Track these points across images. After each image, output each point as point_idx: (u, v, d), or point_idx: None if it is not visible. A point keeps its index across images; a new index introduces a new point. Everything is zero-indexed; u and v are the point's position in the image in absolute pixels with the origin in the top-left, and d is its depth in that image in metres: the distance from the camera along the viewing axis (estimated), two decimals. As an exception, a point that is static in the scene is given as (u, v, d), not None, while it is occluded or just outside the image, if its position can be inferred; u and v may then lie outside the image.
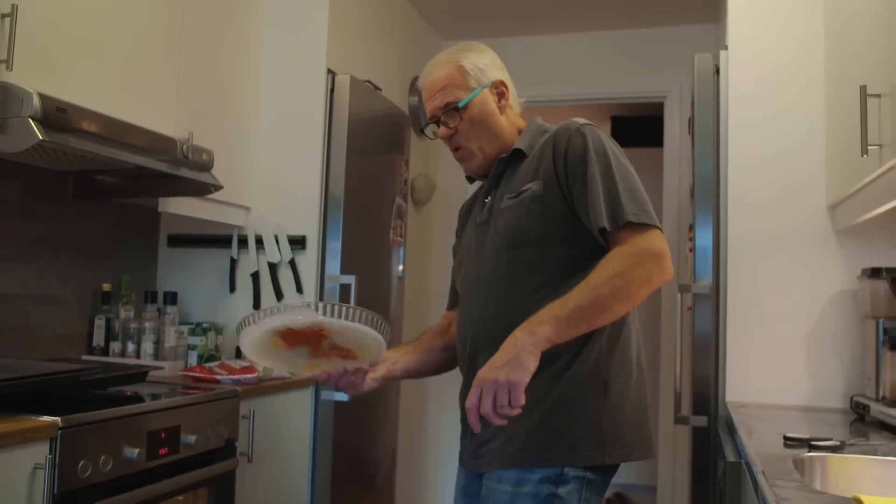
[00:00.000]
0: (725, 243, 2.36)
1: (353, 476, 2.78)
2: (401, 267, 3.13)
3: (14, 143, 1.72)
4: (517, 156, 1.59)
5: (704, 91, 2.41)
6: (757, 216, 2.33)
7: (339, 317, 1.45)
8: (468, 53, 1.63)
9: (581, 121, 1.55)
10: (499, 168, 1.61)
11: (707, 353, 2.33)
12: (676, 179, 3.66)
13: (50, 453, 1.51)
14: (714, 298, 2.35)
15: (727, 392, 2.28)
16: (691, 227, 2.56)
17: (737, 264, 2.33)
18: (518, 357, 1.29)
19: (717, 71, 2.42)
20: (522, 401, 1.28)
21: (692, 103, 2.49)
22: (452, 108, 1.58)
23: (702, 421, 2.29)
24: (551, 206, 1.49)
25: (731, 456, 1.68)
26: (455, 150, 1.64)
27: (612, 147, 1.52)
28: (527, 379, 1.28)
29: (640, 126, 4.86)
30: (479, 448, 1.50)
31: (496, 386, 1.27)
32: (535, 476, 1.43)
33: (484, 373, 1.30)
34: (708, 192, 2.39)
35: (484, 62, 1.62)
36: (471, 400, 1.30)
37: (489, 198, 1.61)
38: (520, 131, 1.65)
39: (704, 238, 2.38)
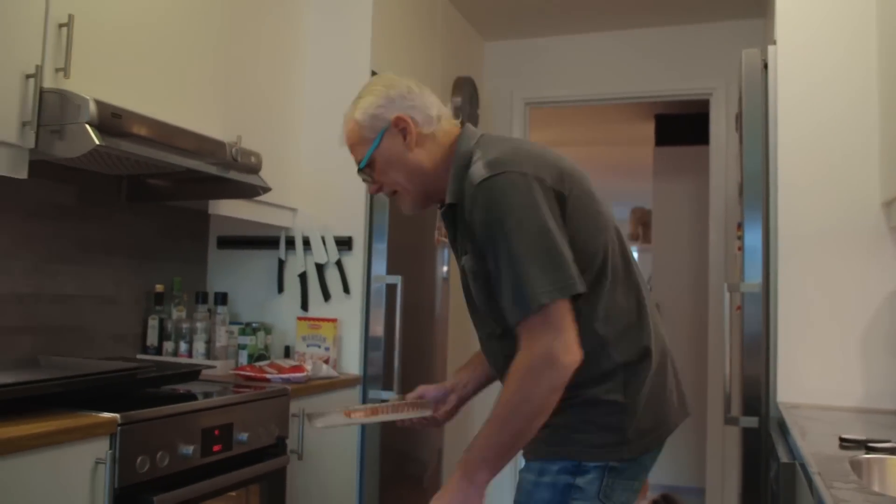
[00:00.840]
0: (775, 241, 2.32)
1: (400, 476, 2.81)
2: (445, 268, 3.14)
3: (72, 149, 1.77)
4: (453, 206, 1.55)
5: (752, 87, 2.38)
6: (808, 213, 2.29)
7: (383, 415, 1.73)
8: (360, 102, 1.59)
9: (481, 174, 1.44)
10: (447, 216, 1.58)
11: (757, 352, 2.30)
12: (723, 177, 3.62)
13: (110, 448, 1.55)
14: (764, 297, 2.31)
15: (778, 393, 2.25)
16: (740, 226, 2.52)
17: (787, 263, 2.29)
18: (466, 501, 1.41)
19: (765, 66, 2.38)
20: None
21: (739, 100, 2.46)
22: (364, 165, 1.59)
23: (752, 422, 2.25)
24: (490, 280, 1.47)
25: (784, 457, 1.66)
26: (389, 195, 1.66)
27: (512, 204, 1.41)
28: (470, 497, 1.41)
29: (685, 124, 4.81)
30: None
31: None
32: (554, 467, 1.47)
33: None
34: (757, 189, 2.35)
35: (377, 104, 1.57)
36: None
37: (455, 239, 1.60)
38: (446, 157, 1.56)
39: (753, 236, 2.35)
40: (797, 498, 1.54)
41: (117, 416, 1.57)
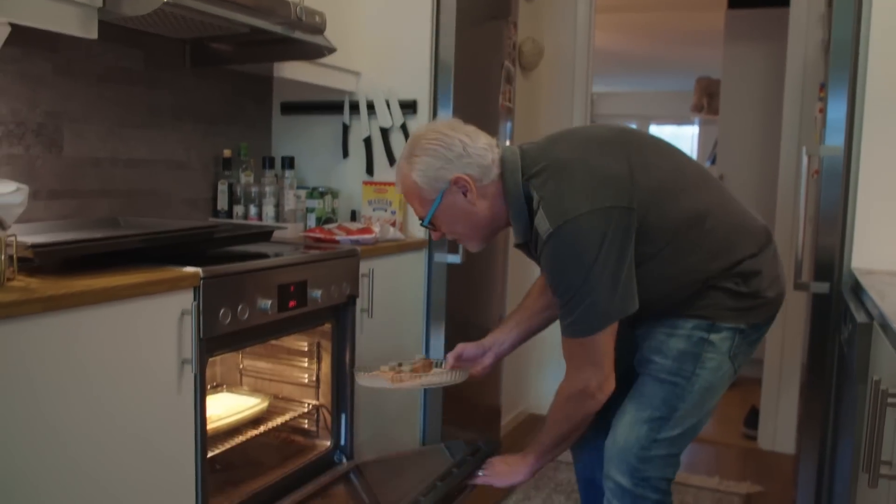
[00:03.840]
0: (861, 105, 2.20)
1: (463, 338, 2.86)
2: (507, 141, 3.10)
3: (139, 7, 1.76)
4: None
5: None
6: (898, 78, 2.15)
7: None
8: (417, 162, 1.62)
9: (546, 228, 1.54)
10: (519, 247, 1.72)
11: (833, 218, 2.24)
12: (803, 39, 3.42)
13: (194, 300, 1.61)
14: (845, 162, 2.23)
15: (853, 259, 2.20)
16: (822, 87, 2.40)
17: (872, 127, 2.18)
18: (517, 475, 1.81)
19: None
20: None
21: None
22: (426, 223, 1.67)
23: (823, 287, 2.23)
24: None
25: (861, 318, 1.64)
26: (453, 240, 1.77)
27: (576, 253, 1.53)
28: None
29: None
30: None
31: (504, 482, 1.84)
32: (688, 324, 1.63)
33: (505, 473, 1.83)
34: (845, 50, 2.21)
35: (436, 167, 1.60)
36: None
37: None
38: (501, 194, 1.65)
39: (837, 99, 2.23)
40: (874, 357, 1.53)
41: (199, 270, 1.62)
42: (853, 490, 1.66)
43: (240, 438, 2.05)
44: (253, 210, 2.54)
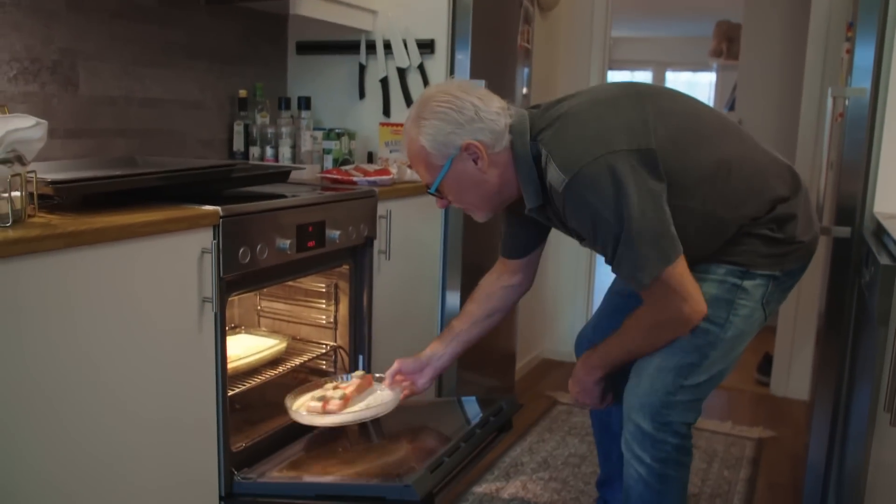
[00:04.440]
0: (891, 46, 2.15)
1: (480, 276, 2.87)
2: (525, 89, 3.05)
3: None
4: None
5: None
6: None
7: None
8: (426, 125, 1.53)
9: (560, 179, 1.47)
10: (534, 213, 1.64)
11: (857, 163, 2.20)
12: (829, -22, 3.33)
13: (214, 239, 1.61)
14: (871, 105, 2.18)
15: (876, 203, 2.17)
16: (850, 27, 2.34)
17: (901, 70, 2.13)
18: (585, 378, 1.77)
19: None
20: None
21: None
22: (433, 190, 1.60)
23: (845, 231, 2.20)
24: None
25: (885, 260, 1.62)
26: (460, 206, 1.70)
27: (600, 200, 1.46)
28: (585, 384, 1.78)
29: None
30: None
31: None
32: (721, 269, 1.60)
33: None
34: (875, -13, 2.15)
35: (446, 131, 1.52)
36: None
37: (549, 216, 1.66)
38: (512, 162, 1.58)
39: (866, 39, 2.18)
40: (895, 301, 1.52)
41: (219, 208, 1.62)
42: (870, 432, 1.66)
43: (259, 379, 2.07)
44: (269, 151, 2.52)
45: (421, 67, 2.59)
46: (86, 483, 1.41)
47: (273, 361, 2.18)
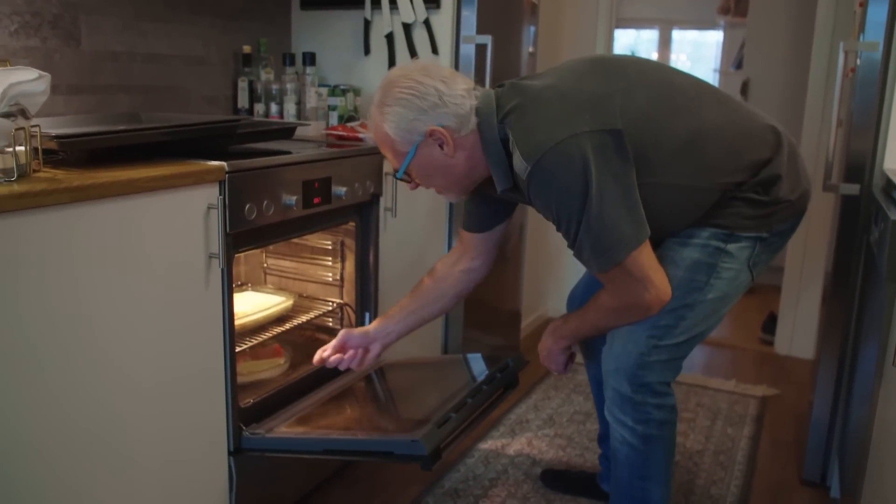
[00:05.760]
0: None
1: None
2: (531, 48, 3.01)
3: None
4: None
5: None
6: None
7: None
8: (389, 112, 1.51)
9: (524, 167, 1.46)
10: (505, 194, 1.62)
11: (867, 120, 2.17)
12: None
13: (220, 194, 1.60)
14: (883, 60, 2.15)
15: (885, 160, 2.15)
16: (864, -21, 2.29)
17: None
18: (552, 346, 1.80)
19: None
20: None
21: None
22: (400, 175, 1.58)
23: (853, 189, 2.18)
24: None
25: (894, 216, 1.61)
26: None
27: (562, 185, 1.44)
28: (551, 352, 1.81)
29: None
30: None
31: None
32: (704, 233, 1.58)
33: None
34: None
35: (409, 118, 1.49)
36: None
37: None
38: (479, 144, 1.55)
39: (880, -8, 2.13)
40: (906, 256, 1.51)
41: (225, 164, 1.61)
42: (876, 390, 1.67)
43: (265, 335, 2.08)
44: (274, 108, 2.50)
45: (427, 23, 2.55)
46: (95, 441, 1.43)
47: (279, 318, 2.19)
